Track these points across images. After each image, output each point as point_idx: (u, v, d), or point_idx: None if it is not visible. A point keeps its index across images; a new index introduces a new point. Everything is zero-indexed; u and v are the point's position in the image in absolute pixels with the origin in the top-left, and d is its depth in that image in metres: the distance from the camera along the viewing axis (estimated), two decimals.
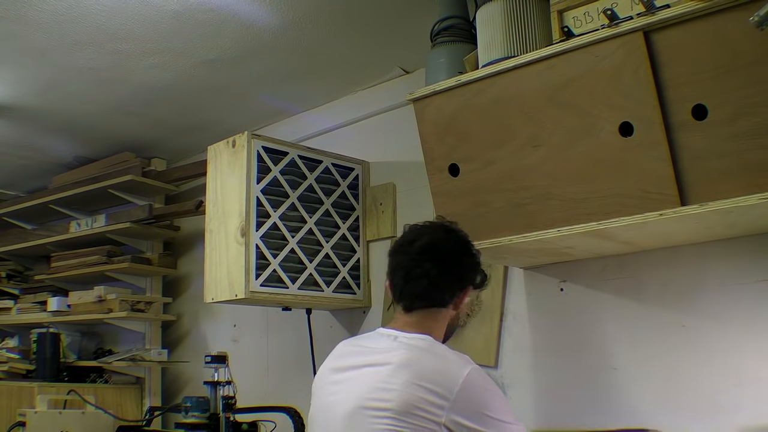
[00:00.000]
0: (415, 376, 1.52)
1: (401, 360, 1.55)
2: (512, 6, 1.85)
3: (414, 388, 1.50)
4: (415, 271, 1.66)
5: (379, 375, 1.56)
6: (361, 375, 1.60)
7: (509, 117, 1.82)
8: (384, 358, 1.58)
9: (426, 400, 1.49)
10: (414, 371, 1.53)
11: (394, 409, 1.49)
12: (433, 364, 1.56)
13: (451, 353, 1.60)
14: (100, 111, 3.08)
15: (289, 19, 2.34)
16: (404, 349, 1.59)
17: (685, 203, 1.59)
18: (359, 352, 1.67)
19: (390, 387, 1.52)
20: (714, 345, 1.89)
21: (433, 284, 1.65)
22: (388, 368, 1.55)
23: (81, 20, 2.33)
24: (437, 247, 1.67)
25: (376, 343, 1.66)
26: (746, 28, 1.42)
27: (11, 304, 3.91)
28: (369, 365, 1.60)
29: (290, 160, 2.57)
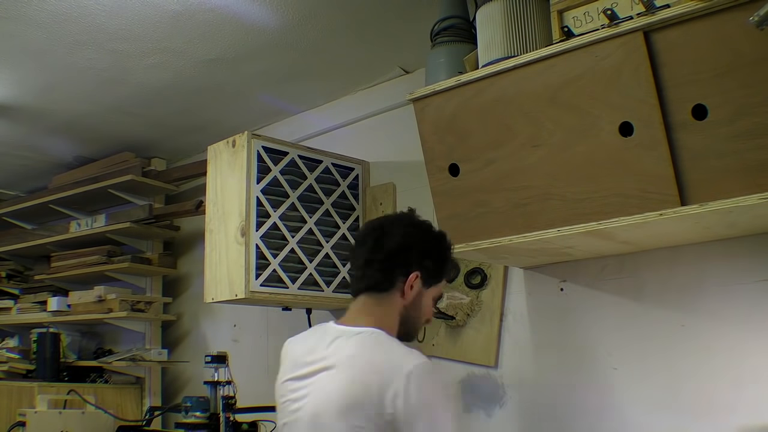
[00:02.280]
0: (358, 373, 1.51)
1: (346, 359, 1.55)
2: (512, 6, 1.85)
3: (357, 386, 1.49)
4: (367, 258, 1.65)
5: (330, 379, 1.55)
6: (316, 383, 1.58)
7: (509, 117, 1.82)
8: (333, 360, 1.57)
9: (369, 395, 1.47)
10: (358, 369, 1.52)
11: (342, 412, 1.49)
12: (377, 359, 1.53)
13: (398, 347, 1.56)
14: (100, 111, 3.08)
15: (289, 19, 2.34)
16: (350, 346, 1.57)
17: (685, 203, 1.59)
18: (311, 361, 1.62)
19: (338, 389, 1.51)
20: (714, 345, 1.89)
21: (370, 264, 1.64)
22: (335, 371, 1.55)
23: (81, 20, 2.33)
24: (382, 229, 1.66)
25: (325, 344, 1.62)
26: (746, 28, 1.42)
27: (11, 304, 3.91)
28: (322, 370, 1.58)
29: (290, 160, 2.57)
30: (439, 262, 1.71)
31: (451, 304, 2.42)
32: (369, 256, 1.65)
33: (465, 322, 2.40)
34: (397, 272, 1.65)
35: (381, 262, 1.64)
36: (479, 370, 2.36)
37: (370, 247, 1.66)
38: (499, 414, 2.30)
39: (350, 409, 1.49)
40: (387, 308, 1.66)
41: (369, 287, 1.66)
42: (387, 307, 1.66)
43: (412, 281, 1.65)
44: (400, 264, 1.65)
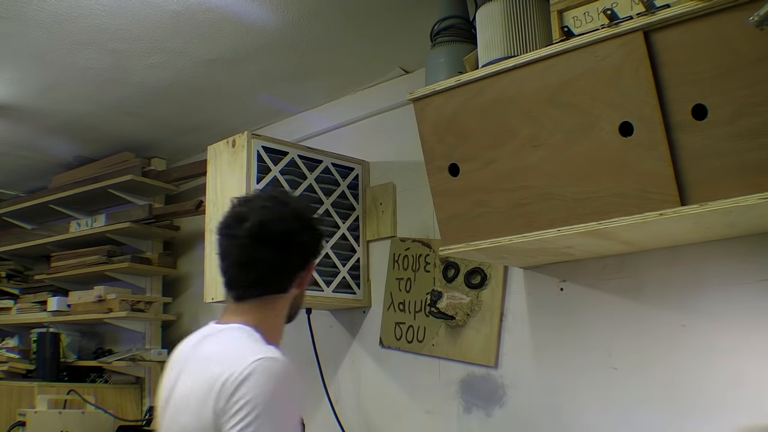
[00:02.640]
0: (208, 369, 1.40)
1: (200, 359, 1.45)
2: (512, 6, 1.85)
3: (203, 383, 1.39)
4: (247, 259, 1.47)
5: (190, 373, 1.46)
6: (175, 387, 1.49)
7: (509, 117, 1.82)
8: (197, 357, 1.48)
9: (208, 390, 1.37)
10: (209, 365, 1.41)
11: (188, 409, 1.40)
12: (223, 351, 1.42)
13: (253, 343, 1.44)
14: (100, 111, 3.08)
15: (289, 19, 2.34)
16: (212, 343, 1.47)
17: (685, 203, 1.58)
18: (179, 362, 1.53)
19: (191, 385, 1.43)
20: (714, 345, 1.89)
21: (269, 272, 1.49)
22: (195, 367, 1.46)
23: (81, 20, 2.33)
24: (270, 228, 1.47)
25: (197, 340, 1.52)
26: (746, 28, 1.42)
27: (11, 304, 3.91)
28: (189, 364, 1.49)
29: (290, 159, 2.57)
30: (319, 243, 1.58)
31: (451, 304, 2.42)
32: (271, 268, 1.48)
33: (465, 322, 2.40)
34: (298, 271, 1.53)
35: (286, 269, 1.51)
36: (479, 370, 2.36)
37: (265, 256, 1.47)
38: (499, 414, 2.30)
39: (195, 409, 1.38)
40: (281, 306, 1.55)
41: (266, 294, 1.51)
42: (282, 304, 1.54)
43: (307, 276, 1.56)
44: (301, 263, 1.54)
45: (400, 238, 2.67)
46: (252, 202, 1.52)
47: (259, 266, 1.48)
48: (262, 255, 1.47)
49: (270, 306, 1.52)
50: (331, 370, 2.79)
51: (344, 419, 2.69)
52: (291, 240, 1.49)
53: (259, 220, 1.47)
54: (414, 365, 2.55)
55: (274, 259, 1.48)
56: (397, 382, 2.60)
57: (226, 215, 1.52)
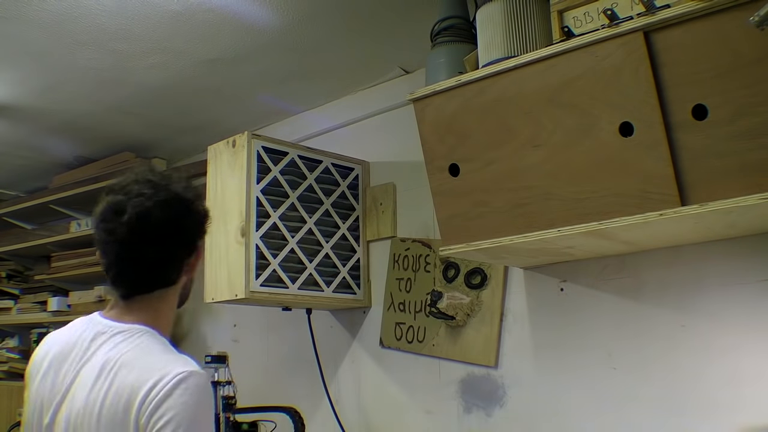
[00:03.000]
0: (121, 380, 1.30)
1: (108, 363, 1.33)
2: (512, 6, 1.85)
3: (115, 395, 1.29)
4: (130, 255, 1.37)
5: (88, 386, 1.33)
6: (74, 390, 1.35)
7: (509, 117, 1.82)
8: (93, 363, 1.35)
9: (126, 404, 1.28)
10: (121, 374, 1.31)
11: (99, 422, 1.29)
12: (135, 359, 1.33)
13: (167, 353, 1.37)
14: (100, 111, 3.08)
15: (289, 19, 2.34)
16: (114, 348, 1.35)
17: (685, 203, 1.59)
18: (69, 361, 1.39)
19: (98, 398, 1.30)
20: (714, 345, 1.89)
21: (154, 267, 1.38)
22: (96, 373, 1.33)
23: (81, 20, 2.33)
24: (150, 220, 1.36)
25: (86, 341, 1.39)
26: (746, 28, 1.42)
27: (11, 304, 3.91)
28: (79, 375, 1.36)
29: (290, 160, 2.57)
30: (204, 224, 1.48)
31: (451, 304, 2.42)
32: (155, 263, 1.39)
33: (465, 322, 2.40)
34: (185, 259, 1.44)
35: (173, 261, 1.42)
36: (479, 370, 2.36)
37: (147, 252, 1.37)
38: (499, 414, 2.30)
39: (110, 421, 1.28)
40: (172, 297, 1.46)
41: (154, 290, 1.42)
42: (172, 296, 1.46)
43: (197, 260, 1.47)
44: (188, 250, 1.44)
45: (400, 238, 2.67)
46: (128, 188, 1.40)
47: (144, 262, 1.38)
48: (145, 250, 1.37)
49: (161, 299, 1.43)
50: (331, 370, 2.79)
51: (344, 419, 2.69)
52: (174, 229, 1.39)
53: (136, 213, 1.35)
54: (414, 365, 2.55)
55: (159, 252, 1.38)
56: (397, 382, 2.60)
57: (103, 206, 1.42)
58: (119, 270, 1.40)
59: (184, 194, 1.43)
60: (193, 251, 1.46)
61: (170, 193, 1.41)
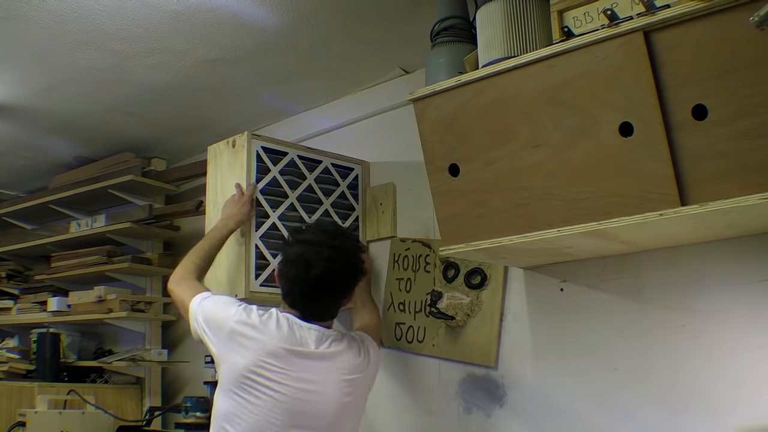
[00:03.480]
0: None
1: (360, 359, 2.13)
2: (512, 6, 1.85)
3: None
4: (323, 301, 2.10)
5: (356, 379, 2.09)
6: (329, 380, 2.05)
7: (509, 117, 1.82)
8: None
9: None
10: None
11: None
12: None
13: None
14: (100, 111, 3.08)
15: (289, 19, 2.34)
16: None
17: (685, 203, 1.58)
18: (316, 353, 2.04)
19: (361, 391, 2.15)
20: (714, 345, 1.89)
21: (332, 311, 2.14)
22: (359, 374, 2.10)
23: (81, 20, 2.33)
24: (354, 259, 2.10)
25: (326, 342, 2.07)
26: (746, 28, 1.42)
27: (11, 304, 3.91)
28: None
29: (290, 160, 2.57)
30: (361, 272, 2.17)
31: (451, 304, 2.42)
32: (335, 302, 2.11)
33: (465, 322, 2.40)
34: (344, 301, 2.16)
35: (338, 305, 2.14)
36: (479, 370, 2.36)
37: (338, 295, 2.10)
38: (499, 414, 2.30)
39: None
40: None
41: (325, 319, 2.13)
42: None
43: (351, 299, 2.16)
44: (349, 294, 2.15)
45: (400, 239, 2.67)
46: (343, 247, 2.10)
47: (328, 306, 2.16)
48: (330, 298, 2.14)
49: None
50: None
51: None
52: (346, 286, 2.14)
53: (331, 272, 2.06)
54: (414, 365, 2.55)
55: (335, 300, 2.17)
56: (397, 382, 2.60)
57: (335, 259, 2.04)
58: (312, 307, 2.09)
59: (353, 257, 2.09)
60: (351, 294, 2.14)
61: (345, 257, 2.06)
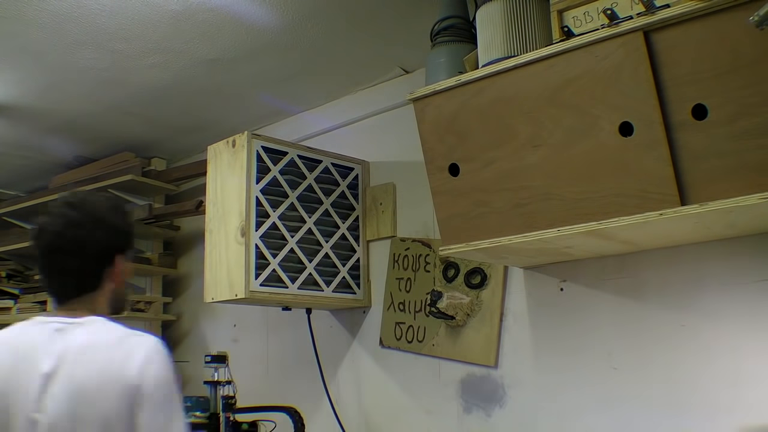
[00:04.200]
0: (99, 360, 1.55)
1: (81, 349, 1.56)
2: (512, 6, 1.85)
3: (101, 376, 1.54)
4: (52, 266, 1.63)
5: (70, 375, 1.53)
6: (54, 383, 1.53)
7: (509, 117, 1.82)
8: (65, 353, 1.55)
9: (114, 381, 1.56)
10: (99, 357, 1.56)
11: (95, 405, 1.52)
12: (113, 342, 1.61)
13: (127, 328, 1.66)
14: (100, 111, 3.08)
15: (289, 19, 2.34)
16: (81, 337, 1.57)
17: (685, 203, 1.59)
18: (37, 359, 1.56)
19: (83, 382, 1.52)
20: (714, 345, 1.89)
21: (76, 278, 1.63)
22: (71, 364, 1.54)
23: (81, 20, 2.33)
24: (64, 237, 1.61)
25: (46, 339, 1.58)
26: (746, 28, 1.42)
27: (11, 304, 3.90)
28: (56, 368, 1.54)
29: (290, 159, 2.57)
30: (131, 236, 1.75)
31: (451, 304, 2.42)
32: (78, 265, 1.62)
33: (465, 322, 2.40)
34: (105, 268, 1.66)
35: (92, 269, 1.65)
36: (479, 370, 2.36)
37: (75, 254, 1.61)
38: (499, 414, 2.30)
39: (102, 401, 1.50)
40: (99, 298, 1.67)
41: (83, 292, 1.65)
42: (99, 297, 1.67)
43: (119, 268, 1.69)
44: (107, 260, 1.67)
45: (400, 238, 2.67)
46: (51, 210, 1.67)
47: (86, 271, 1.64)
48: (89, 264, 1.63)
49: (91, 301, 1.65)
50: (331, 370, 2.79)
51: (344, 419, 2.69)
52: (88, 245, 1.62)
53: (54, 231, 1.62)
54: (414, 365, 2.55)
55: (95, 264, 1.64)
56: (397, 382, 2.60)
57: (36, 225, 1.66)
58: (50, 283, 1.66)
59: (96, 213, 1.66)
60: (111, 262, 1.67)
61: (81, 213, 1.65)
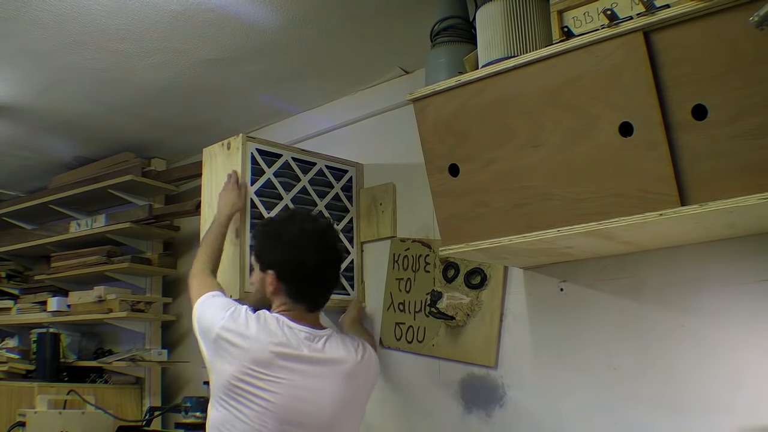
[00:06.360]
0: None
1: (347, 357, 2.07)
2: (512, 6, 1.85)
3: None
4: (334, 274, 2.09)
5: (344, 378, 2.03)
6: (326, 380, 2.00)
7: (509, 117, 1.82)
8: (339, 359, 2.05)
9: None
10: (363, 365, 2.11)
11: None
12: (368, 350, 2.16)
13: None
14: (100, 111, 3.08)
15: (289, 19, 2.34)
16: (339, 346, 2.07)
17: (685, 203, 1.58)
18: (313, 356, 1.99)
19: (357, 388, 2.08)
20: (714, 345, 1.89)
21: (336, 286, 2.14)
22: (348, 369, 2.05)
23: (81, 20, 2.33)
24: (340, 251, 2.14)
25: (318, 342, 2.01)
26: (746, 28, 1.42)
27: (11, 304, 3.91)
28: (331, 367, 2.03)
29: (284, 162, 2.57)
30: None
31: (451, 304, 2.42)
32: (337, 280, 2.10)
33: (465, 322, 2.40)
34: None
35: None
36: (479, 370, 2.36)
37: (339, 269, 2.09)
38: (499, 414, 2.30)
39: None
40: None
41: None
42: None
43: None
44: None
45: (400, 239, 2.67)
46: (332, 238, 2.12)
47: (335, 284, 2.18)
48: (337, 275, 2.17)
49: None
50: None
51: None
52: None
53: (341, 247, 2.31)
54: (414, 365, 2.55)
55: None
56: (397, 382, 2.60)
57: (331, 248, 2.08)
58: (327, 289, 2.10)
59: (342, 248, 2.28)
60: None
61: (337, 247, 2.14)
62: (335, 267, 2.07)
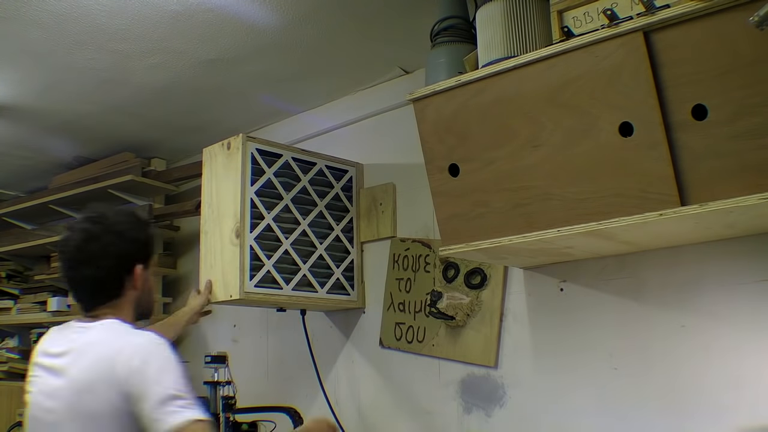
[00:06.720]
0: (95, 355, 1.64)
1: (85, 345, 1.68)
2: (512, 6, 1.85)
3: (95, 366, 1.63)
4: (77, 278, 1.74)
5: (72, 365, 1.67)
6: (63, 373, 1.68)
7: (509, 117, 1.82)
8: (73, 348, 1.69)
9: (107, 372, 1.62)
10: (94, 352, 1.65)
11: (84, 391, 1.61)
12: (111, 340, 1.67)
13: (132, 329, 1.71)
14: (100, 111, 3.08)
15: (289, 19, 2.34)
16: (89, 335, 1.69)
17: (685, 203, 1.58)
18: (56, 353, 1.73)
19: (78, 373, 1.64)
20: (714, 345, 1.89)
21: (97, 287, 1.74)
22: (75, 356, 1.67)
23: (81, 20, 2.33)
24: (85, 249, 1.72)
25: (67, 337, 1.74)
26: (746, 28, 1.42)
27: (11, 304, 3.91)
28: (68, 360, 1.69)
29: (284, 162, 2.57)
30: (149, 247, 1.83)
31: (451, 304, 2.42)
32: (96, 275, 1.72)
33: (465, 322, 2.40)
34: (124, 277, 1.75)
35: (111, 278, 1.74)
36: (479, 370, 2.36)
37: (93, 265, 1.71)
38: (499, 414, 2.30)
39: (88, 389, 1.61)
40: (124, 305, 1.77)
41: (107, 300, 1.75)
42: (123, 303, 1.77)
43: (138, 275, 1.77)
44: (125, 270, 1.75)
45: (400, 239, 2.67)
46: (73, 225, 1.77)
47: (89, 284, 1.74)
48: (102, 274, 1.72)
49: (114, 307, 1.75)
50: (331, 370, 2.79)
51: (344, 419, 2.69)
52: (124, 255, 1.74)
53: (75, 245, 1.72)
54: (414, 365, 2.55)
55: (112, 274, 1.73)
56: (396, 383, 2.60)
57: (70, 245, 1.74)
58: (76, 292, 1.78)
59: (113, 227, 1.75)
60: (130, 271, 1.76)
61: (99, 228, 1.74)
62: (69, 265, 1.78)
